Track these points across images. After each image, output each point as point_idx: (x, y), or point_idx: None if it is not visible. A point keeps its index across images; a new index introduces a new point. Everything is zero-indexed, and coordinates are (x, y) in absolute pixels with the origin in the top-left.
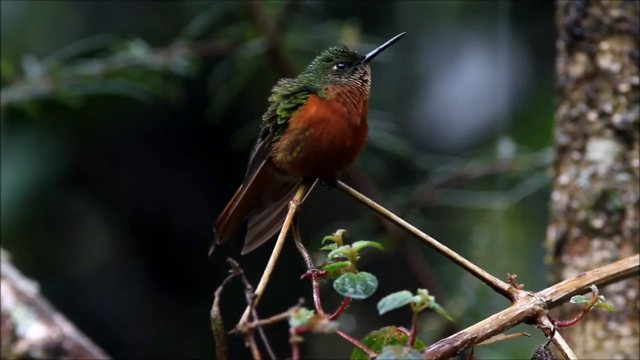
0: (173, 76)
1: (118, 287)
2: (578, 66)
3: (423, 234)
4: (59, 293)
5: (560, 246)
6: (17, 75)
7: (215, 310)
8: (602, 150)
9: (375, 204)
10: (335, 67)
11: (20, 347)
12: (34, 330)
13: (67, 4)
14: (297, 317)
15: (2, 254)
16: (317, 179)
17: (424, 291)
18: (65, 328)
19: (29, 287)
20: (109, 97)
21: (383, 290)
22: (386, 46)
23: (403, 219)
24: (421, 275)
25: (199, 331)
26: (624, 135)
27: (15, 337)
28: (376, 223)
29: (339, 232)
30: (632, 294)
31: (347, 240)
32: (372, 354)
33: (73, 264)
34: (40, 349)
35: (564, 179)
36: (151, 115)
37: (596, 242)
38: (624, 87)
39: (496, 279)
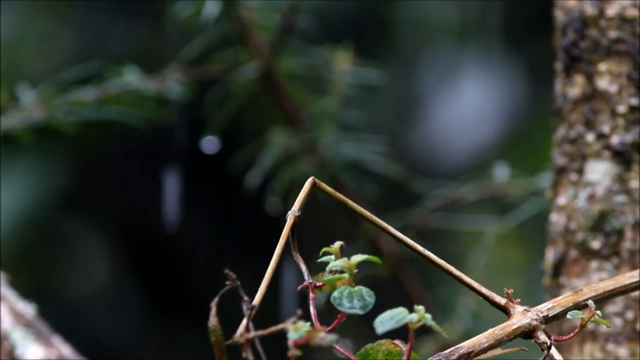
0: (167, 101)
1: (117, 308)
2: (576, 87)
3: (420, 247)
4: (57, 314)
5: (558, 267)
6: (11, 102)
7: (213, 320)
8: (600, 172)
9: (374, 217)
10: None
11: None
12: (33, 352)
13: (61, 25)
14: (295, 329)
15: (0, 275)
16: (314, 187)
17: (421, 308)
18: (64, 349)
19: (27, 309)
20: (106, 121)
21: (379, 312)
22: None
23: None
24: (417, 298)
25: (198, 353)
26: (622, 157)
27: (13, 359)
28: (372, 246)
29: (336, 245)
30: (630, 315)
31: (344, 248)
32: None
33: (72, 285)
34: None
35: (562, 200)
36: (148, 139)
37: (594, 264)
38: (622, 109)
39: (493, 293)
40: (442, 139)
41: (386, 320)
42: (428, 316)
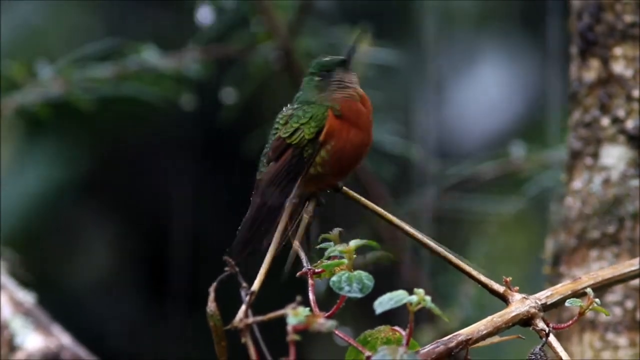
0: (185, 80)
1: (117, 297)
2: (591, 72)
3: (419, 235)
4: (59, 303)
5: (559, 256)
6: (29, 78)
7: (212, 306)
8: (614, 156)
9: (386, 213)
10: (317, 79)
11: (18, 357)
12: (32, 340)
13: (87, 11)
14: (295, 315)
15: (1, 263)
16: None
17: (421, 291)
18: (64, 338)
19: (27, 297)
20: (125, 106)
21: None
22: (355, 45)
23: (414, 225)
24: (417, 285)
25: (199, 343)
26: (636, 141)
27: (13, 347)
28: (373, 234)
29: (335, 231)
30: (629, 304)
31: (342, 235)
32: (367, 353)
33: (75, 274)
34: (38, 359)
35: (577, 184)
36: (165, 123)
37: (594, 252)
38: (637, 93)
39: (491, 281)
40: (460, 122)
41: (385, 302)
42: (427, 298)
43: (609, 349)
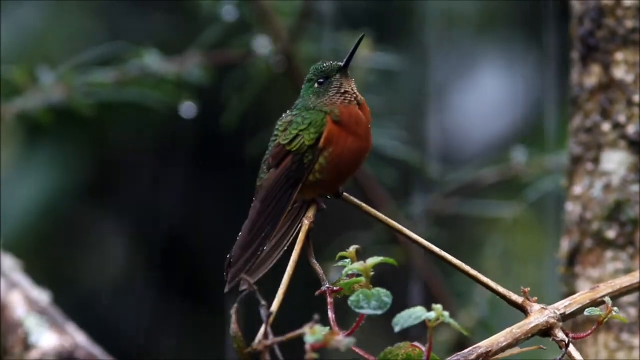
0: (186, 85)
1: (131, 297)
2: (592, 77)
3: (436, 248)
4: (73, 303)
5: (573, 257)
6: (30, 84)
7: (234, 327)
8: (615, 161)
9: (388, 219)
10: (316, 85)
11: (32, 355)
12: (46, 339)
13: (88, 15)
14: (312, 333)
15: (14, 262)
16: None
17: (438, 306)
18: (78, 337)
19: (42, 296)
20: (126, 111)
21: (395, 300)
22: (354, 50)
23: (415, 229)
24: (433, 286)
25: (211, 342)
26: (637, 146)
27: (27, 346)
28: (389, 233)
29: (352, 248)
30: None
31: (360, 251)
32: None
33: (88, 274)
34: (52, 357)
35: (577, 189)
36: (167, 128)
37: (609, 253)
38: (637, 98)
39: (510, 292)
40: (461, 127)
41: (404, 319)
42: (446, 314)
43: (624, 349)
